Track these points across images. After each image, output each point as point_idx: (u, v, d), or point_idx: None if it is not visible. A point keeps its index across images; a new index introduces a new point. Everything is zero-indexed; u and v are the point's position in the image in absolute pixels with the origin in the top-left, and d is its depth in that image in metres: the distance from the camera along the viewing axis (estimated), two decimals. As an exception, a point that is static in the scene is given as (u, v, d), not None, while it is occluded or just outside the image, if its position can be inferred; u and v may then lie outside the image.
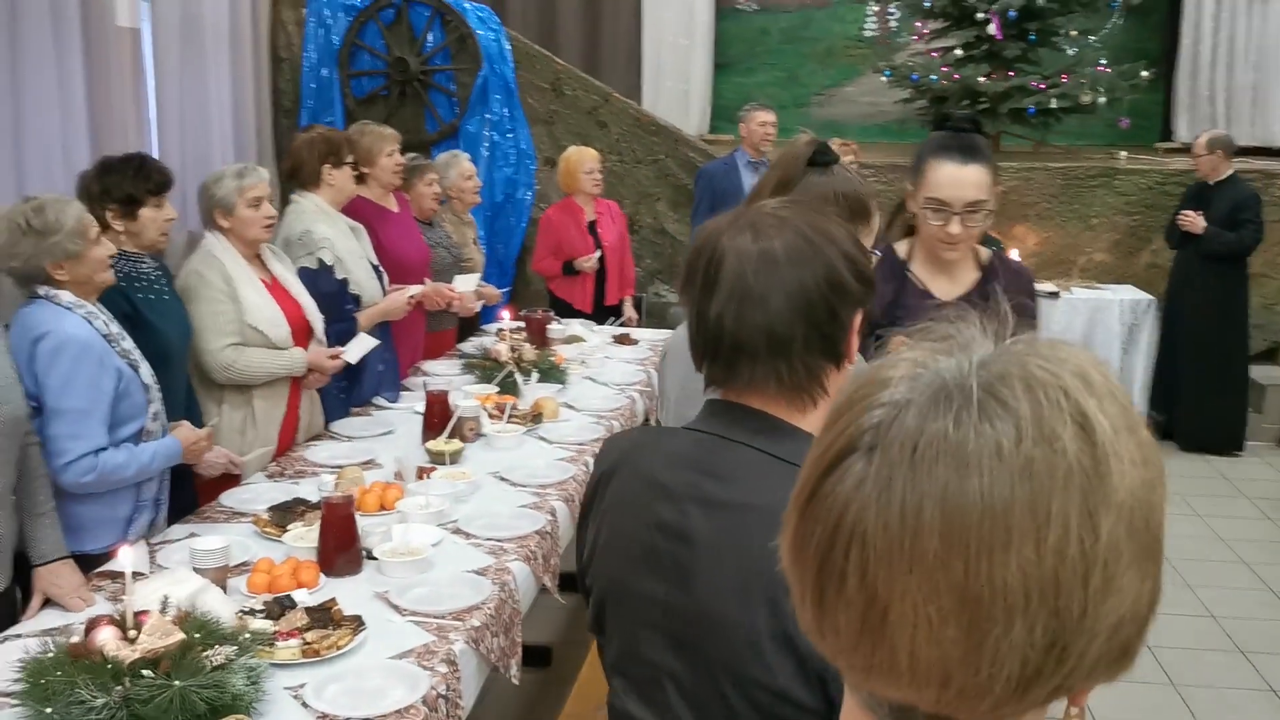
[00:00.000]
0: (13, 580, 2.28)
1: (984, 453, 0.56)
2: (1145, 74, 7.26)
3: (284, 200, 3.85)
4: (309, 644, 2.03)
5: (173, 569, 2.24)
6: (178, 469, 2.74)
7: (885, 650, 0.58)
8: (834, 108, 9.32)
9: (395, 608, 2.25)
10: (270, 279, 3.29)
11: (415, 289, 3.92)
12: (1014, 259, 2.49)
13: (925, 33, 7.76)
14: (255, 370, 3.17)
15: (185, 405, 2.95)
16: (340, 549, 2.40)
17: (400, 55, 6.22)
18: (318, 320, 3.38)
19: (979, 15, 7.02)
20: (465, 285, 4.29)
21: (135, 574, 2.10)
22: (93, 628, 1.82)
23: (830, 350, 1.17)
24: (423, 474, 2.98)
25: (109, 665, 1.74)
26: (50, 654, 1.80)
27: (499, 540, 2.62)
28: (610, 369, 4.31)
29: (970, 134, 2.24)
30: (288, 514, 2.63)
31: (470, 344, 4.55)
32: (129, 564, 1.84)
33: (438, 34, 6.27)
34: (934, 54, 7.62)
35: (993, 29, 6.96)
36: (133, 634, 1.80)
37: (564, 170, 5.36)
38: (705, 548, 1.16)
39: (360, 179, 4.05)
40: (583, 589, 1.34)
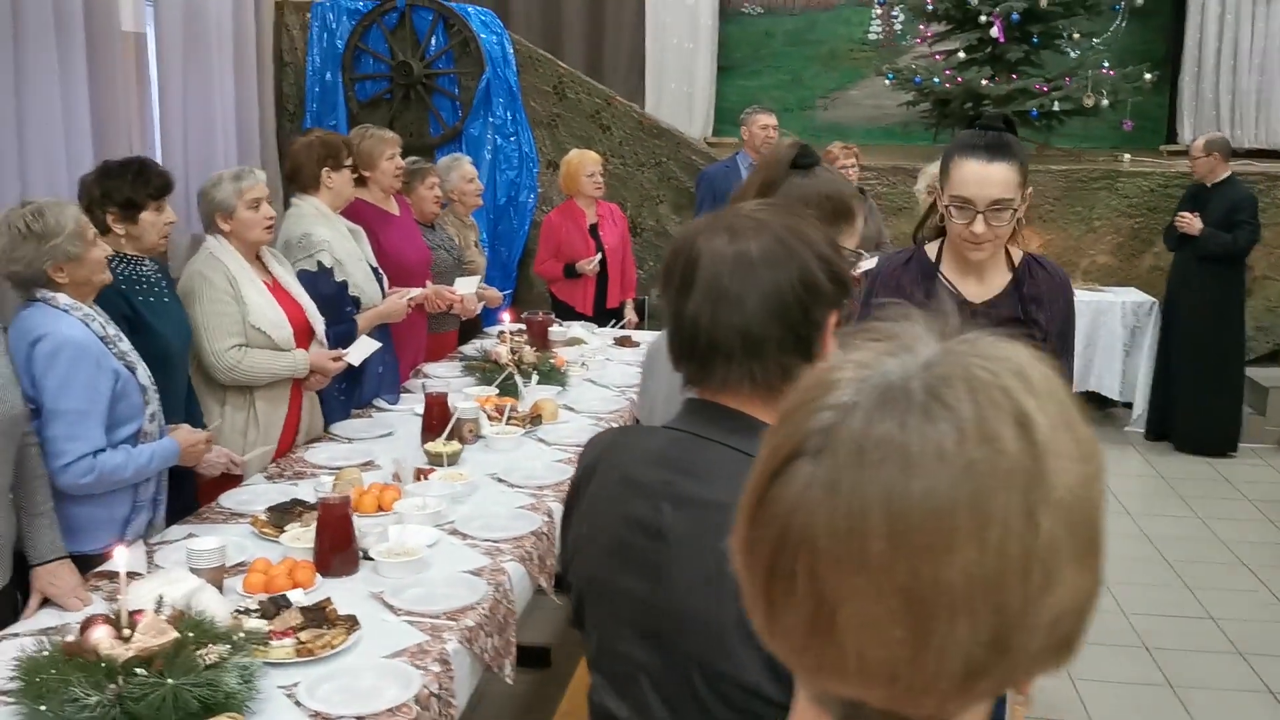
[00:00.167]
0: (12, 580, 2.30)
1: (927, 455, 0.57)
2: (1148, 77, 7.25)
3: (286, 204, 3.88)
4: (303, 643, 2.04)
5: (169, 569, 2.26)
6: (178, 469, 2.76)
7: (834, 650, 0.59)
8: (838, 111, 9.33)
9: (390, 608, 2.27)
10: (272, 280, 3.31)
11: (415, 291, 3.94)
12: (1048, 261, 2.41)
13: (929, 36, 7.76)
14: (259, 371, 3.20)
15: (185, 407, 2.97)
16: (336, 549, 2.41)
17: (403, 59, 6.25)
18: (319, 322, 3.40)
19: (982, 18, 7.03)
20: (466, 288, 4.30)
21: (132, 574, 2.12)
22: (88, 627, 1.84)
23: (805, 350, 1.19)
24: (421, 475, 3.00)
25: (103, 664, 1.75)
26: (45, 653, 1.82)
27: (495, 541, 2.63)
28: (610, 371, 4.32)
29: (1000, 132, 2.20)
30: (285, 515, 2.64)
31: (471, 346, 4.57)
32: (123, 564, 1.85)
33: (441, 38, 6.30)
34: (937, 57, 7.62)
35: (995, 32, 6.96)
36: (127, 633, 1.82)
37: (565, 173, 5.37)
38: (678, 544, 1.17)
39: (361, 182, 4.07)
40: (565, 585, 1.36)
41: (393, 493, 2.80)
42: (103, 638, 1.79)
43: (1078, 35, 7.31)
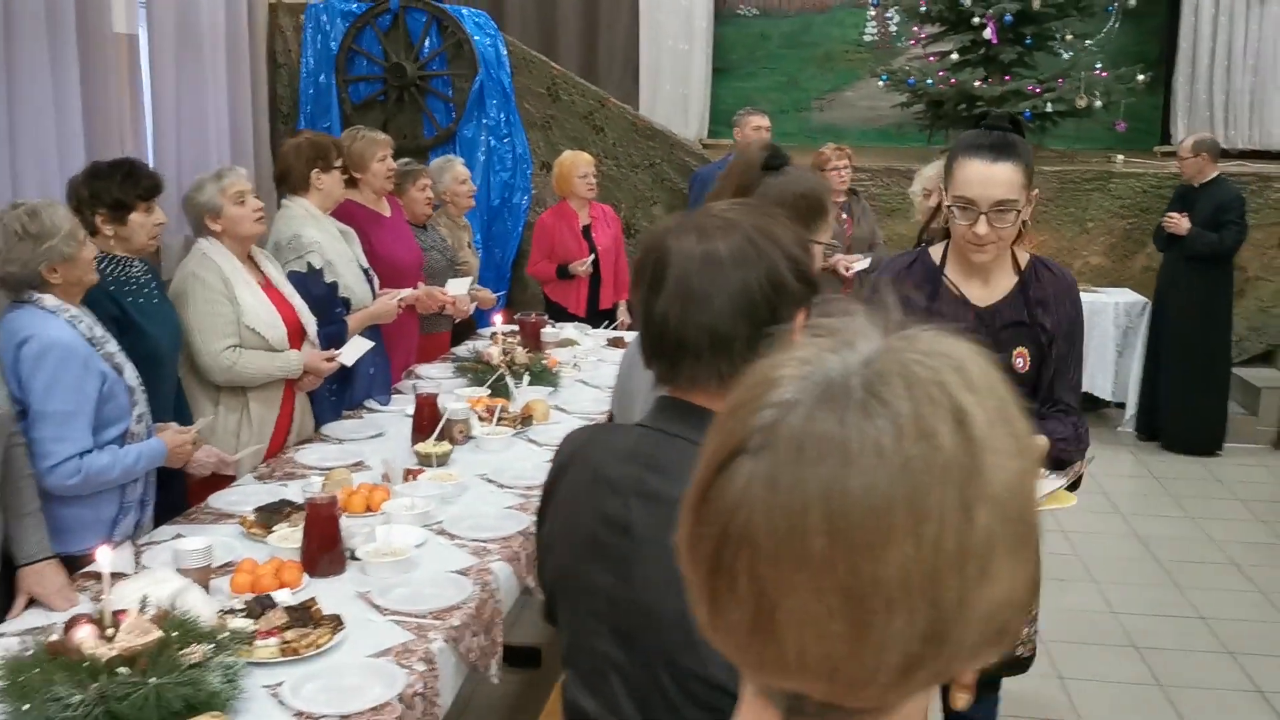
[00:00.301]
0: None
1: (865, 451, 0.57)
2: (1141, 78, 7.27)
3: (278, 205, 3.88)
4: (288, 643, 2.05)
5: (155, 569, 2.27)
6: (167, 470, 2.76)
7: (775, 646, 0.60)
8: (833, 112, 9.35)
9: (376, 607, 2.27)
10: (264, 280, 3.32)
11: (405, 293, 3.94)
12: (1056, 264, 2.37)
13: (923, 37, 7.78)
14: (254, 372, 3.20)
15: (175, 408, 2.97)
16: (323, 549, 2.42)
17: (397, 61, 6.26)
18: (311, 322, 3.41)
19: (975, 20, 7.04)
20: (458, 289, 4.31)
21: (118, 574, 2.13)
22: (72, 626, 1.84)
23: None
24: (410, 476, 3.00)
25: (86, 663, 1.76)
26: (29, 652, 1.82)
27: (483, 541, 2.64)
28: (603, 372, 4.32)
29: (1005, 132, 2.17)
30: (274, 515, 2.65)
31: (464, 348, 4.58)
32: (107, 563, 1.86)
33: (434, 40, 6.31)
34: (931, 58, 7.64)
35: (989, 33, 6.98)
36: (110, 632, 1.82)
37: (558, 174, 5.38)
38: (644, 540, 1.18)
39: (353, 184, 4.08)
40: (540, 581, 1.37)
41: (382, 493, 2.81)
42: (86, 637, 1.80)
43: (1070, 36, 7.32)
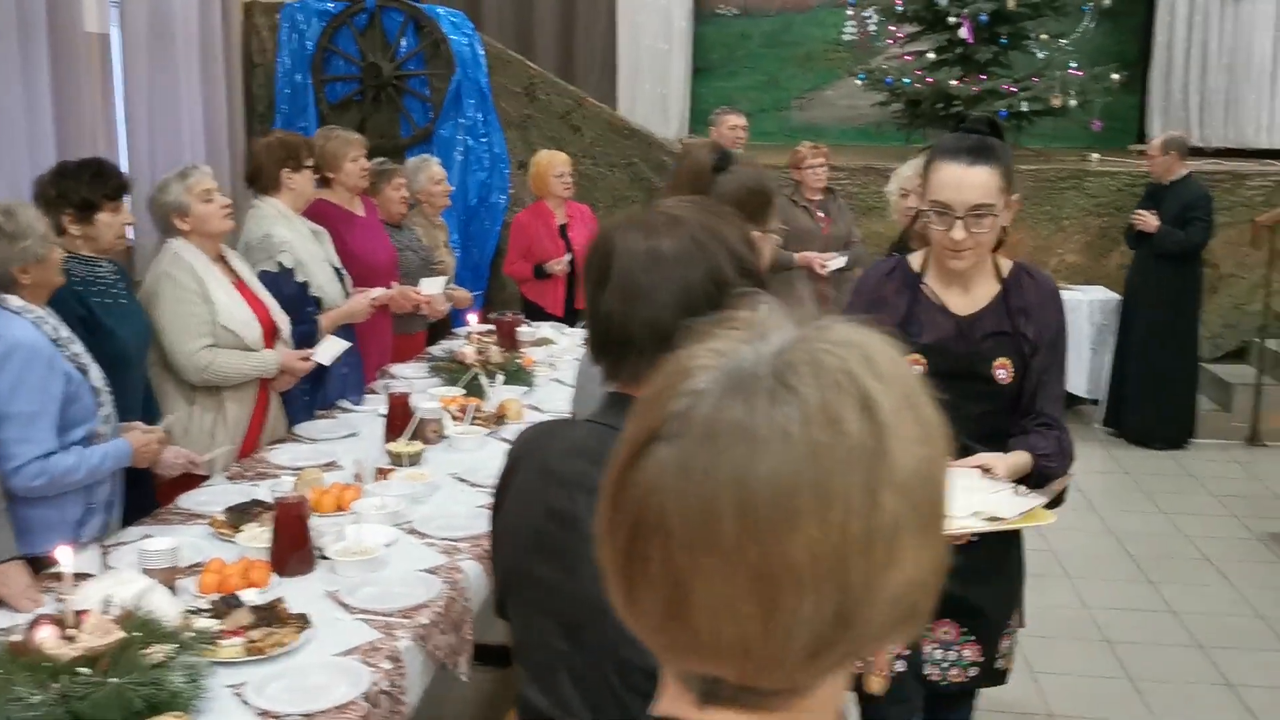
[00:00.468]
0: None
1: (773, 437, 0.59)
2: (1116, 77, 7.32)
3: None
4: (253, 642, 2.04)
5: (120, 570, 2.26)
6: (135, 470, 2.75)
7: (689, 629, 0.61)
8: (813, 111, 9.39)
9: (344, 606, 2.27)
10: (236, 280, 3.31)
11: (377, 291, 3.94)
12: (1039, 270, 2.32)
13: (900, 37, 7.82)
14: (230, 372, 3.20)
15: (144, 408, 2.96)
16: (293, 548, 2.41)
17: (374, 61, 6.25)
18: (284, 321, 3.40)
19: (951, 19, 7.08)
20: (432, 288, 4.31)
21: (83, 575, 2.13)
22: (34, 627, 1.84)
23: None
24: (382, 475, 3.00)
25: (47, 663, 1.75)
26: (-10, 652, 1.82)
27: (453, 540, 2.64)
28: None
29: (983, 136, 2.14)
30: (243, 515, 2.64)
31: (439, 347, 4.57)
32: (69, 564, 1.86)
33: (411, 39, 6.30)
34: (908, 58, 7.68)
35: (964, 33, 7.02)
36: (73, 632, 1.82)
37: (535, 174, 5.39)
38: (590, 534, 1.19)
39: (326, 183, 4.07)
40: (493, 575, 1.38)
41: (353, 493, 2.81)
42: (47, 637, 1.79)
43: (1045, 36, 7.37)
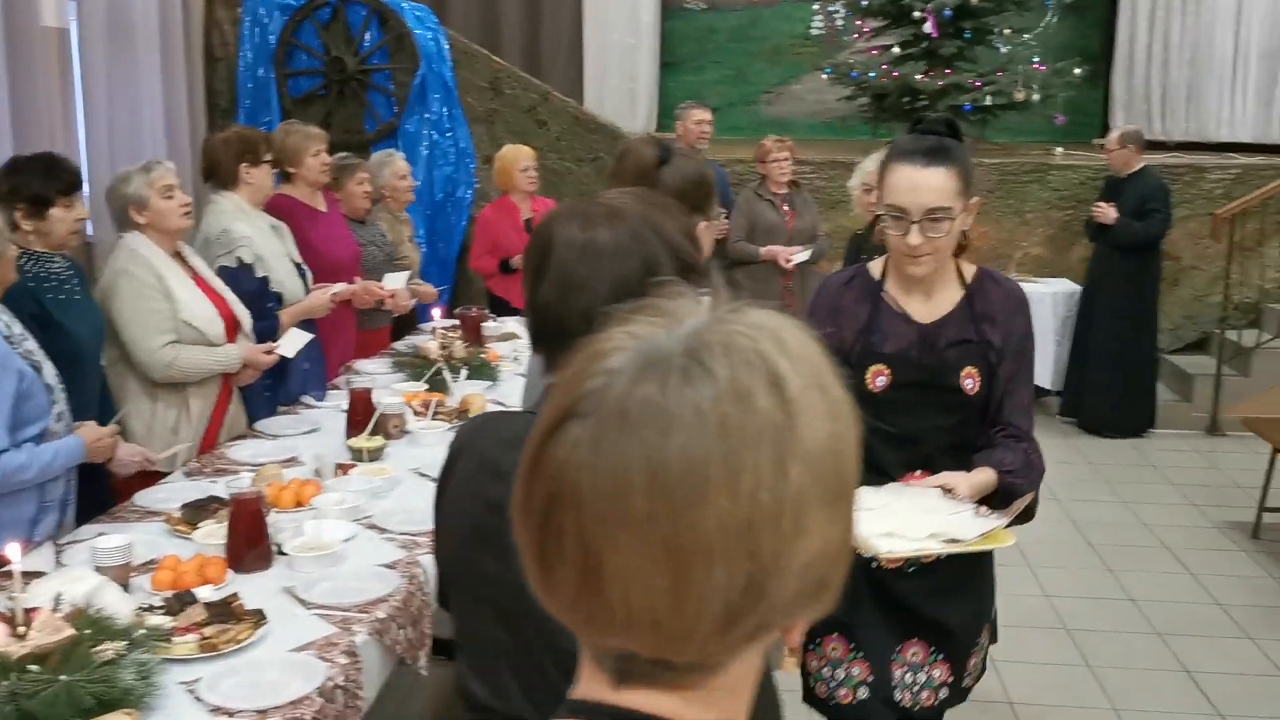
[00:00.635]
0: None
1: (685, 413, 0.61)
2: (1078, 71, 7.40)
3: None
4: (207, 639, 2.03)
5: (71, 567, 2.24)
6: (91, 468, 2.73)
7: (602, 602, 0.63)
8: (782, 105, 9.42)
9: (301, 602, 2.27)
10: (194, 275, 3.29)
11: (338, 286, 3.92)
12: (1004, 276, 2.27)
13: (866, 31, 7.86)
14: (193, 368, 3.18)
15: (99, 405, 2.94)
16: (249, 545, 2.40)
17: (337, 55, 6.21)
18: (245, 316, 3.38)
19: (915, 14, 7.12)
20: (395, 283, 4.29)
21: (34, 573, 2.11)
22: (-17, 625, 1.82)
23: None
24: (342, 471, 2.99)
25: (-5, 661, 1.74)
26: (-62, 651, 1.80)
27: (412, 534, 2.64)
28: (542, 365, 4.33)
29: (940, 137, 2.07)
30: (200, 512, 2.63)
31: (403, 343, 4.56)
32: (18, 560, 1.84)
33: (375, 33, 6.27)
34: (874, 52, 7.72)
35: (929, 27, 7.07)
36: (22, 630, 1.80)
37: (499, 168, 5.37)
38: None
39: (288, 178, 4.05)
40: (436, 567, 1.39)
41: (312, 488, 2.80)
42: (-4, 636, 1.78)
43: (1009, 31, 7.44)
